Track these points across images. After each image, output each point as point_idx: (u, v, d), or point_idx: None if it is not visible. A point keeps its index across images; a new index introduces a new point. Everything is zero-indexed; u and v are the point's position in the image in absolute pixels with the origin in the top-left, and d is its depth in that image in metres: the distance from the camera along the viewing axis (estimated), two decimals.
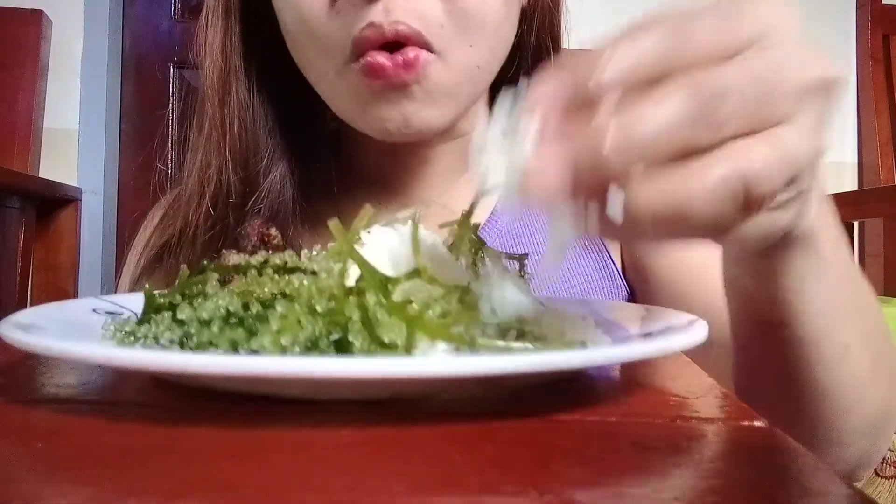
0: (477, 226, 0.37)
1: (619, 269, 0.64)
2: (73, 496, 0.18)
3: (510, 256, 0.39)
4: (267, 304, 0.29)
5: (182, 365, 0.24)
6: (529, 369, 0.25)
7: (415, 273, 0.29)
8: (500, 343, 0.27)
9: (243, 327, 0.29)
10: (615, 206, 0.25)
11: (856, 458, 0.44)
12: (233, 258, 0.33)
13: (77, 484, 0.19)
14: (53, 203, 1.73)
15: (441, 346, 0.28)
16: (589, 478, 0.20)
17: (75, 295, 1.79)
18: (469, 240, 0.37)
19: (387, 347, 0.27)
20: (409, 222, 0.32)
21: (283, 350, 0.27)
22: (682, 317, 0.34)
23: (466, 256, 0.37)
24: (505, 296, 0.30)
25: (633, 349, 0.28)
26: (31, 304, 1.43)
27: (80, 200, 1.84)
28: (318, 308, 0.28)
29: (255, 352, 0.27)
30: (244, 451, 0.22)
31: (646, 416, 0.26)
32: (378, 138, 0.57)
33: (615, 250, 0.64)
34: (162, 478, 0.20)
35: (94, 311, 0.37)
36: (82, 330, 0.33)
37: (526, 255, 0.40)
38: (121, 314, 0.37)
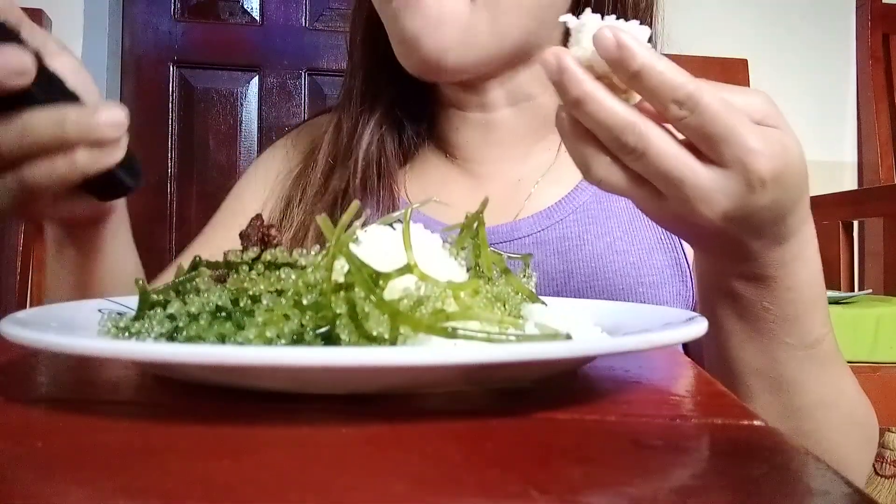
0: (478, 228, 0.37)
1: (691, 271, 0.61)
2: (73, 496, 0.19)
3: (512, 257, 0.39)
4: (256, 299, 0.29)
5: (163, 355, 0.25)
6: (509, 359, 0.25)
7: (406, 269, 0.29)
8: (483, 334, 0.27)
9: (231, 321, 0.29)
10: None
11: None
12: (232, 257, 0.33)
13: (77, 484, 0.19)
14: None
15: (435, 340, 0.28)
16: (589, 477, 0.20)
17: None
18: (471, 240, 0.37)
19: (374, 340, 0.27)
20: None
21: (269, 342, 0.27)
22: (682, 314, 0.34)
23: (467, 257, 0.37)
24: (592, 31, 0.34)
25: (610, 343, 0.28)
26: (31, 304, 1.42)
27: None
28: (304, 301, 0.28)
29: (241, 345, 0.27)
30: (244, 450, 0.22)
31: (645, 415, 0.26)
32: (409, 71, 0.59)
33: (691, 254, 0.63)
34: (162, 478, 0.20)
35: (100, 311, 0.37)
36: (83, 328, 0.33)
37: (530, 255, 0.40)
38: (124, 314, 0.37)
